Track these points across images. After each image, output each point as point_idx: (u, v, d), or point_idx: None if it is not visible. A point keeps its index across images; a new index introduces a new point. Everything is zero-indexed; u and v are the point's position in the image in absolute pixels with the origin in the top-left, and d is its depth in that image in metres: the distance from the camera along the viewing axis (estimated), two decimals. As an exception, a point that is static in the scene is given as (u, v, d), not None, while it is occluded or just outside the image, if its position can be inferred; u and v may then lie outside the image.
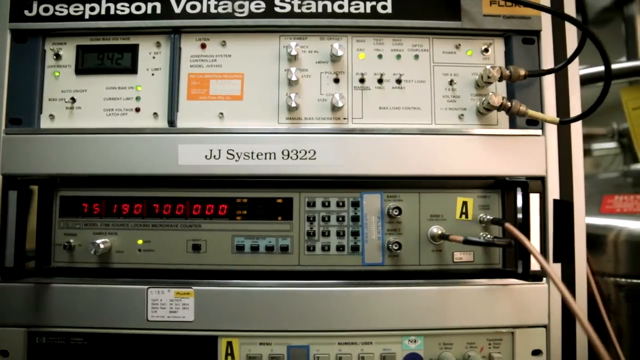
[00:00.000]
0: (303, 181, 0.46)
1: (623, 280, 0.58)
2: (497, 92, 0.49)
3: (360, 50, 0.48)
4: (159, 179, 0.46)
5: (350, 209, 0.47)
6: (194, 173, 0.46)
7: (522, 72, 0.46)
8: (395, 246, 0.45)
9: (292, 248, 0.46)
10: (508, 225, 0.42)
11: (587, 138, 0.90)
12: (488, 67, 0.45)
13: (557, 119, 0.45)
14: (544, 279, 0.47)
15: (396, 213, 0.45)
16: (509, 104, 0.45)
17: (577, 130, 0.49)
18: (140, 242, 0.46)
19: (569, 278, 0.48)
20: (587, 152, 0.88)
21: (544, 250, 0.46)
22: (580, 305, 0.48)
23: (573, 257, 0.48)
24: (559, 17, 0.45)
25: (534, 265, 0.43)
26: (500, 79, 0.46)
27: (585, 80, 0.67)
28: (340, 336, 0.46)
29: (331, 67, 0.48)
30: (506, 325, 0.47)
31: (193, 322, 0.45)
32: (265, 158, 0.46)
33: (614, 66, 0.64)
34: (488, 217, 0.46)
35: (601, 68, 0.66)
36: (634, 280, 0.57)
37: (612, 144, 0.86)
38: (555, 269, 0.47)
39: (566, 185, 0.48)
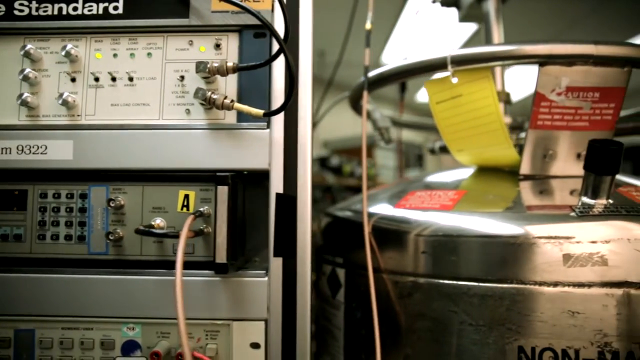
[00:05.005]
0: (37, 174, 0.49)
1: (396, 276, 0.56)
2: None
3: (98, 50, 0.50)
4: None
5: (79, 200, 0.49)
6: (-59, 167, 0.50)
7: (231, 66, 0.46)
8: (112, 237, 0.47)
9: (25, 237, 0.49)
10: (190, 218, 0.43)
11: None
12: (196, 62, 0.47)
13: (261, 112, 0.45)
14: (265, 273, 0.48)
15: (112, 205, 0.47)
16: (214, 97, 0.46)
17: (304, 124, 0.49)
18: None
19: (291, 273, 0.48)
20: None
21: (233, 244, 0.46)
22: (302, 300, 0.47)
23: (295, 252, 0.48)
24: (256, 18, 0.45)
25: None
26: (209, 73, 0.47)
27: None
28: (64, 321, 0.48)
29: (69, 67, 0.50)
30: (222, 317, 0.47)
31: None
32: (3, 153, 0.49)
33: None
34: (203, 209, 0.47)
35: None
36: (407, 278, 0.55)
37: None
38: (276, 263, 0.48)
39: (292, 179, 0.48)
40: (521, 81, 2.44)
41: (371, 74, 0.68)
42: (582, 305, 0.48)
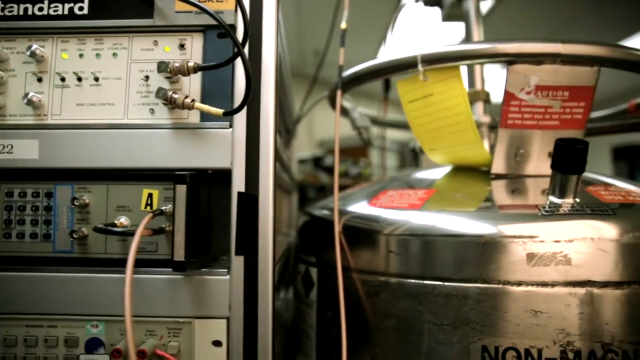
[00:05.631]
0: (3, 173, 0.50)
1: (364, 275, 0.56)
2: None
3: (64, 50, 0.51)
4: None
5: (44, 199, 0.50)
6: None
7: (192, 65, 0.46)
8: (75, 235, 0.48)
9: (-9, 235, 0.50)
10: (148, 216, 0.43)
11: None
12: (157, 62, 0.47)
13: (221, 111, 0.46)
14: (228, 271, 0.48)
15: (76, 204, 0.48)
16: (175, 97, 0.46)
17: (266, 124, 0.49)
18: None
19: (253, 271, 0.48)
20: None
21: (194, 242, 0.46)
22: (263, 298, 0.48)
23: (256, 250, 0.48)
24: (213, 18, 0.45)
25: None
26: (171, 73, 0.47)
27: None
28: (28, 319, 0.48)
29: (36, 67, 0.51)
30: (184, 315, 0.48)
31: None
32: (-30, 152, 0.50)
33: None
34: (165, 207, 0.47)
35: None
36: (375, 277, 0.55)
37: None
38: (238, 262, 0.48)
39: (254, 178, 0.48)
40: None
41: (346, 73, 0.68)
42: (545, 305, 0.48)
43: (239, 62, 0.49)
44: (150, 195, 0.49)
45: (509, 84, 0.57)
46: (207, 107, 0.46)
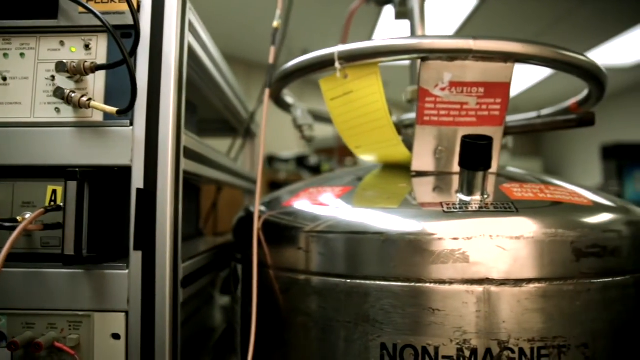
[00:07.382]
0: None
1: (278, 272, 0.57)
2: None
3: (-25, 50, 0.52)
4: None
5: (-47, 196, 0.51)
6: None
7: (89, 65, 0.47)
8: (-20, 230, 0.49)
9: None
10: (39, 211, 0.44)
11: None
12: (56, 62, 0.48)
13: (114, 110, 0.47)
14: (127, 266, 0.49)
15: (-20, 200, 0.49)
16: (72, 96, 0.47)
17: (166, 122, 0.50)
18: None
19: (151, 266, 0.49)
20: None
21: (79, 238, 0.47)
22: (160, 292, 0.48)
23: (154, 246, 0.49)
24: (98, 19, 0.46)
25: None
26: (70, 72, 0.48)
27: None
28: (-62, 312, 0.50)
29: (-52, 67, 0.52)
30: (84, 309, 0.49)
31: None
32: None
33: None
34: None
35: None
36: (285, 274, 0.56)
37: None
38: (136, 257, 0.49)
39: (153, 175, 0.49)
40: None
41: (280, 70, 0.68)
42: (443, 303, 0.48)
43: (139, 61, 0.50)
44: (54, 191, 0.50)
45: (422, 80, 0.56)
46: (102, 106, 0.47)
